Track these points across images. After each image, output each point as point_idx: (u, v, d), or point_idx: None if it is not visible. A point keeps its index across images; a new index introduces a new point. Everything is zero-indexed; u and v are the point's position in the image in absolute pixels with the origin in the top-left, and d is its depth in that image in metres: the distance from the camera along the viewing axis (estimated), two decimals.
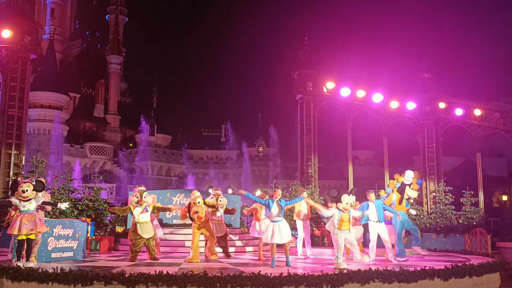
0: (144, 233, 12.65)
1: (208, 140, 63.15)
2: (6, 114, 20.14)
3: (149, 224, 12.85)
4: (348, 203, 11.37)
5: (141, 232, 12.62)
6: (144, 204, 12.74)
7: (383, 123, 25.52)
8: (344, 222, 11.44)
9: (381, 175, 26.80)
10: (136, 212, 12.65)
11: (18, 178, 13.71)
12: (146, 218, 12.74)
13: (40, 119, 50.23)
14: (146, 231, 12.70)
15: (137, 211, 12.65)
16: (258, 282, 8.77)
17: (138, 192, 12.68)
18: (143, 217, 12.68)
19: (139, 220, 12.65)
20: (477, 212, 21.96)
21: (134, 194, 12.73)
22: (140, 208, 12.66)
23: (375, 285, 9.36)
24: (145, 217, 12.73)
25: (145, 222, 12.71)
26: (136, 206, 12.68)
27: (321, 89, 25.10)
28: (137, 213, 12.64)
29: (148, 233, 12.72)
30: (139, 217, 12.64)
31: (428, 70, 25.41)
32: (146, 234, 12.68)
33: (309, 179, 24.18)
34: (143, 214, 12.68)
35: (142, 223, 12.65)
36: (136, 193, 12.69)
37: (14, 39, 20.16)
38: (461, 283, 10.37)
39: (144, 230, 12.66)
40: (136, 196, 12.66)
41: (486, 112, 24.29)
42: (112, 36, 64.56)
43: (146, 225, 12.72)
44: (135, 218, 12.67)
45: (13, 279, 9.18)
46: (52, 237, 12.10)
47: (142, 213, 12.67)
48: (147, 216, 12.79)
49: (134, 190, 12.94)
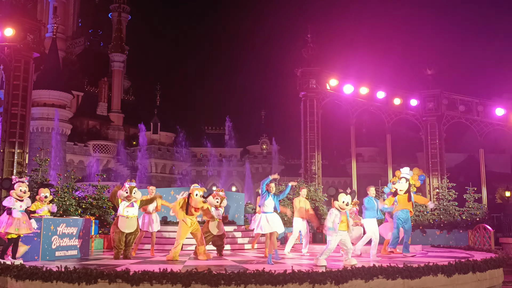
0: (125, 227, 12.37)
1: (211, 138, 63.19)
2: (9, 112, 20.17)
3: (134, 219, 12.55)
4: (344, 202, 11.07)
5: (121, 226, 12.36)
6: (133, 199, 12.53)
7: (386, 120, 25.53)
8: (341, 222, 11.04)
9: (385, 171, 26.85)
10: (122, 205, 12.46)
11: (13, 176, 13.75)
12: (131, 213, 12.47)
13: (43, 118, 50.30)
14: (127, 226, 12.40)
15: (123, 204, 12.46)
16: (263, 279, 8.77)
17: (128, 188, 12.45)
18: (127, 211, 12.42)
19: (123, 213, 12.41)
20: (480, 208, 21.96)
21: (124, 189, 12.51)
22: (126, 202, 12.48)
23: (379, 282, 9.35)
24: (130, 211, 12.46)
25: (130, 217, 12.45)
26: (124, 199, 12.50)
27: (324, 86, 25.11)
28: (123, 206, 12.43)
29: (129, 228, 12.41)
30: (123, 210, 12.41)
31: (431, 67, 25.40)
32: (126, 229, 12.38)
33: (312, 176, 24.21)
34: (128, 208, 12.43)
35: (126, 217, 12.40)
36: (126, 188, 12.46)
37: (17, 38, 20.17)
38: (465, 279, 10.36)
39: (125, 225, 12.38)
40: (126, 191, 12.42)
41: (489, 108, 24.28)
42: (115, 34, 64.61)
43: (130, 220, 12.44)
44: (120, 211, 12.46)
45: (17, 277, 9.20)
46: (56, 235, 12.11)
47: (128, 207, 12.44)
48: (133, 211, 12.51)
49: (124, 185, 12.71)
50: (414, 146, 36.52)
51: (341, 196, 11.09)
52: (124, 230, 12.38)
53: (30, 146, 21.42)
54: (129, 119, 61.97)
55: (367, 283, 9.27)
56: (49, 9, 63.29)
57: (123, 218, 12.43)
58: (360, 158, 54.75)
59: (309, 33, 25.79)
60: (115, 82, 62.74)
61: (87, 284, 8.74)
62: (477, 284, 10.67)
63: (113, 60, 63.57)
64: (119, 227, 12.38)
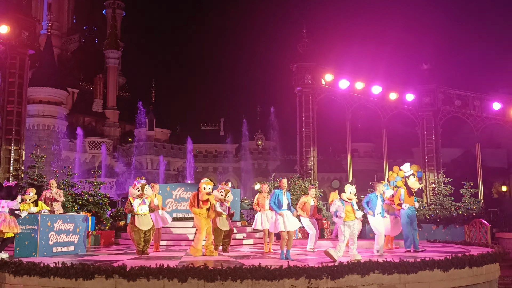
0: (142, 224, 12.62)
1: (207, 134, 63.17)
2: (5, 109, 20.14)
3: (148, 216, 12.85)
4: (351, 193, 11.27)
5: (139, 224, 12.59)
6: (145, 196, 12.76)
7: (382, 115, 25.53)
8: (348, 213, 11.19)
9: (381, 167, 26.86)
10: (135, 203, 12.66)
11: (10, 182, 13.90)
12: (144, 210, 12.74)
13: (39, 115, 50.21)
14: (144, 223, 12.67)
15: (136, 202, 12.66)
16: (259, 275, 8.80)
17: (140, 186, 12.64)
18: (141, 208, 12.68)
19: (138, 211, 12.65)
20: (477, 203, 22.01)
21: (136, 187, 12.70)
22: (139, 200, 12.68)
23: (375, 277, 9.39)
24: (144, 208, 12.73)
25: (144, 214, 12.71)
26: (136, 198, 12.69)
27: (319, 82, 25.09)
28: (136, 204, 12.65)
29: (146, 225, 12.68)
30: (138, 208, 12.64)
31: (427, 62, 25.37)
32: (144, 226, 12.64)
33: (308, 172, 24.21)
34: (141, 206, 12.68)
35: (140, 214, 12.64)
36: (137, 187, 12.66)
37: (12, 35, 20.12)
38: (461, 274, 10.40)
39: (141, 222, 12.63)
40: (138, 190, 12.64)
41: (485, 102, 24.29)
42: (109, 31, 64.43)
43: (144, 217, 12.73)
44: (134, 209, 12.67)
45: (15, 273, 9.23)
46: (53, 231, 12.13)
47: (140, 204, 12.67)
48: (146, 208, 12.79)
49: (134, 182, 12.89)
50: (410, 141, 36.52)
51: (347, 187, 11.25)
52: (142, 228, 12.61)
53: (26, 143, 21.40)
54: (125, 115, 61.90)
55: (363, 278, 9.31)
56: (43, 6, 63.03)
57: (138, 216, 12.64)
58: (356, 154, 54.72)
59: (304, 28, 25.76)
60: (110, 78, 62.61)
61: (84, 280, 8.78)
62: (473, 279, 10.71)
63: (108, 56, 63.41)
64: (136, 225, 12.60)
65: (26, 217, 11.96)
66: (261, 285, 8.77)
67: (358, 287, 9.24)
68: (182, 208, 18.47)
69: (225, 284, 8.69)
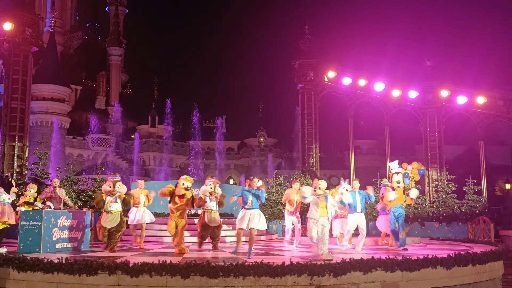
0: (107, 222, 12.32)
1: (209, 131, 63.13)
2: (9, 106, 20.21)
3: (116, 214, 12.46)
4: (322, 188, 10.95)
5: (103, 221, 12.33)
6: (116, 194, 12.45)
7: (385, 112, 25.51)
8: (321, 208, 10.91)
9: (383, 164, 26.81)
10: (106, 200, 12.41)
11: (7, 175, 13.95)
12: (114, 208, 12.41)
13: (43, 112, 50.23)
14: (110, 221, 12.35)
15: (108, 199, 12.41)
16: (261, 271, 8.82)
17: (111, 182, 12.37)
18: (111, 206, 12.38)
19: (107, 209, 12.39)
20: (480, 201, 22.00)
21: (107, 183, 12.46)
22: (110, 197, 12.41)
23: (377, 274, 9.39)
24: (114, 206, 12.40)
25: (113, 212, 12.41)
26: (108, 195, 12.45)
27: (322, 79, 25.09)
28: (107, 201, 12.40)
29: (111, 224, 12.35)
30: (107, 206, 12.38)
31: (430, 58, 25.33)
32: (109, 224, 12.33)
33: (310, 169, 24.21)
34: (112, 203, 12.39)
35: (110, 212, 12.38)
36: (109, 183, 12.40)
37: (16, 32, 20.18)
38: (464, 272, 10.38)
39: (106, 220, 12.34)
40: (109, 186, 12.36)
41: (489, 100, 24.21)
42: (112, 28, 64.36)
43: (112, 215, 12.40)
44: (104, 206, 12.43)
45: (19, 269, 9.28)
46: (57, 228, 12.17)
47: (111, 202, 12.40)
48: (117, 206, 12.45)
49: (108, 179, 12.62)
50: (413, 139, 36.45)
51: (322, 183, 11.04)
52: (106, 225, 12.31)
53: (30, 140, 21.45)
54: (127, 112, 61.88)
55: (366, 275, 9.31)
56: (47, 3, 62.99)
57: (106, 214, 12.41)
58: (358, 151, 54.66)
59: (307, 24, 25.75)
60: (113, 75, 62.59)
61: (87, 276, 8.81)
62: (476, 276, 10.69)
63: (110, 54, 63.39)
64: (101, 222, 12.39)
65: (30, 213, 12.01)
66: (263, 282, 8.79)
67: (361, 284, 9.24)
68: None
69: (227, 281, 8.71)
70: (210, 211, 13.23)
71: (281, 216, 19.59)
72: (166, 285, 8.67)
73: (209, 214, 13.19)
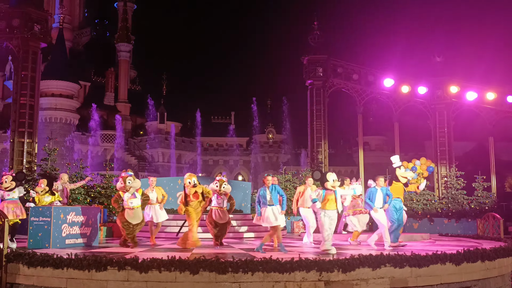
0: (131, 218, 12.45)
1: (217, 127, 63.15)
2: (18, 102, 20.29)
3: (138, 210, 12.59)
4: (334, 180, 11.15)
5: (128, 217, 12.43)
6: (132, 189, 12.49)
7: (394, 108, 25.40)
8: (329, 201, 11.13)
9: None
10: (125, 197, 12.49)
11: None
12: (135, 204, 12.50)
13: (52, 108, 50.45)
14: (134, 217, 12.48)
15: (126, 196, 12.48)
16: (270, 267, 8.82)
17: (121, 178, 12.46)
18: (132, 202, 12.46)
19: (128, 205, 12.46)
20: (489, 197, 21.90)
21: (119, 180, 12.58)
22: (128, 194, 12.48)
23: (386, 270, 9.37)
24: (134, 202, 12.50)
25: (135, 208, 12.50)
26: (125, 191, 12.51)
27: (331, 75, 25.01)
28: (126, 198, 12.48)
29: (136, 219, 12.49)
30: (128, 202, 12.46)
31: (440, 54, 25.19)
32: (134, 220, 12.46)
33: (319, 165, 24.18)
34: (132, 199, 12.47)
35: (132, 208, 12.46)
36: (120, 179, 12.49)
37: (24, 28, 20.23)
38: (473, 268, 10.34)
39: (131, 216, 12.45)
40: (120, 182, 12.46)
41: (499, 95, 24.04)
42: (121, 24, 64.49)
43: (135, 211, 12.49)
44: (125, 203, 12.51)
45: (29, 264, 9.34)
46: (66, 223, 12.23)
47: (130, 198, 12.47)
48: (137, 201, 12.54)
49: (120, 175, 12.73)
50: (422, 135, 36.29)
51: (330, 175, 11.18)
52: (131, 221, 12.46)
53: (39, 136, 21.55)
54: (136, 109, 62.01)
55: (375, 272, 9.29)
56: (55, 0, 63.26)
57: (129, 210, 12.49)
58: (367, 147, 54.56)
59: (315, 20, 25.66)
60: (121, 72, 62.74)
61: (97, 271, 8.84)
62: (485, 272, 10.64)
63: (119, 50, 63.52)
64: (126, 219, 12.46)
65: (40, 209, 12.08)
66: (272, 278, 8.79)
67: (369, 280, 9.22)
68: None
69: (236, 277, 8.72)
70: (217, 208, 13.34)
71: (289, 212, 19.56)
72: (175, 280, 8.70)
73: (217, 211, 13.30)
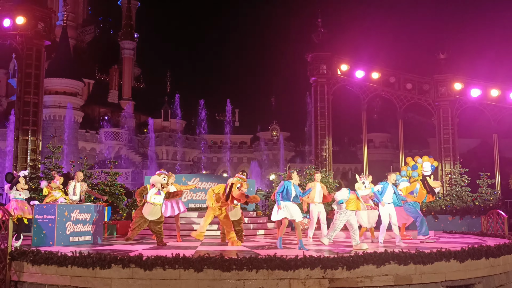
0: (149, 214, 12.55)
1: (221, 125, 63.17)
2: (22, 100, 20.32)
3: (158, 207, 12.70)
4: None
5: (146, 213, 12.54)
6: (165, 189, 12.75)
7: (398, 105, 25.35)
8: (350, 202, 11.40)
9: (396, 158, 26.72)
10: (150, 192, 12.60)
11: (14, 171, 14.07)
12: (157, 200, 12.63)
13: (55, 106, 50.52)
14: (152, 213, 12.58)
15: (152, 191, 12.60)
16: (274, 264, 8.82)
17: (166, 176, 12.66)
18: (155, 198, 12.59)
19: (150, 200, 12.56)
20: (494, 194, 21.84)
21: (162, 176, 12.73)
22: (154, 189, 12.63)
23: (390, 267, 9.35)
24: (157, 199, 12.63)
25: (156, 204, 12.61)
26: (153, 187, 12.65)
27: (335, 72, 24.97)
28: (152, 193, 12.58)
29: (153, 216, 12.59)
30: (151, 197, 12.56)
31: (444, 51, 25.11)
32: (150, 216, 12.57)
33: (323, 162, 24.17)
34: (156, 195, 12.61)
35: (152, 204, 12.56)
36: (164, 176, 12.67)
37: (28, 26, 20.25)
38: (478, 265, 10.32)
39: (149, 212, 12.55)
40: (164, 179, 12.65)
41: (503, 92, 23.97)
42: (124, 22, 64.50)
43: (155, 207, 12.60)
44: (148, 197, 12.60)
45: (33, 262, 9.35)
46: (70, 221, 12.25)
47: (155, 194, 12.61)
48: (160, 199, 12.68)
49: (160, 171, 12.89)
50: (426, 132, 36.26)
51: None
52: (148, 217, 12.58)
53: (43, 134, 21.59)
54: (140, 106, 62.06)
55: (379, 269, 9.27)
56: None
57: (149, 205, 12.59)
58: (371, 144, 54.48)
59: (319, 17, 25.62)
60: (125, 69, 62.76)
61: (101, 269, 8.85)
62: (490, 269, 10.62)
63: (123, 47, 63.54)
64: (143, 214, 12.58)
65: (44, 207, 12.11)
66: (276, 275, 8.79)
67: (374, 277, 9.21)
68: (198, 199, 18.57)
69: (240, 274, 8.72)
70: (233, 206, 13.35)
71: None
72: (179, 278, 8.70)
73: (230, 208, 13.31)
